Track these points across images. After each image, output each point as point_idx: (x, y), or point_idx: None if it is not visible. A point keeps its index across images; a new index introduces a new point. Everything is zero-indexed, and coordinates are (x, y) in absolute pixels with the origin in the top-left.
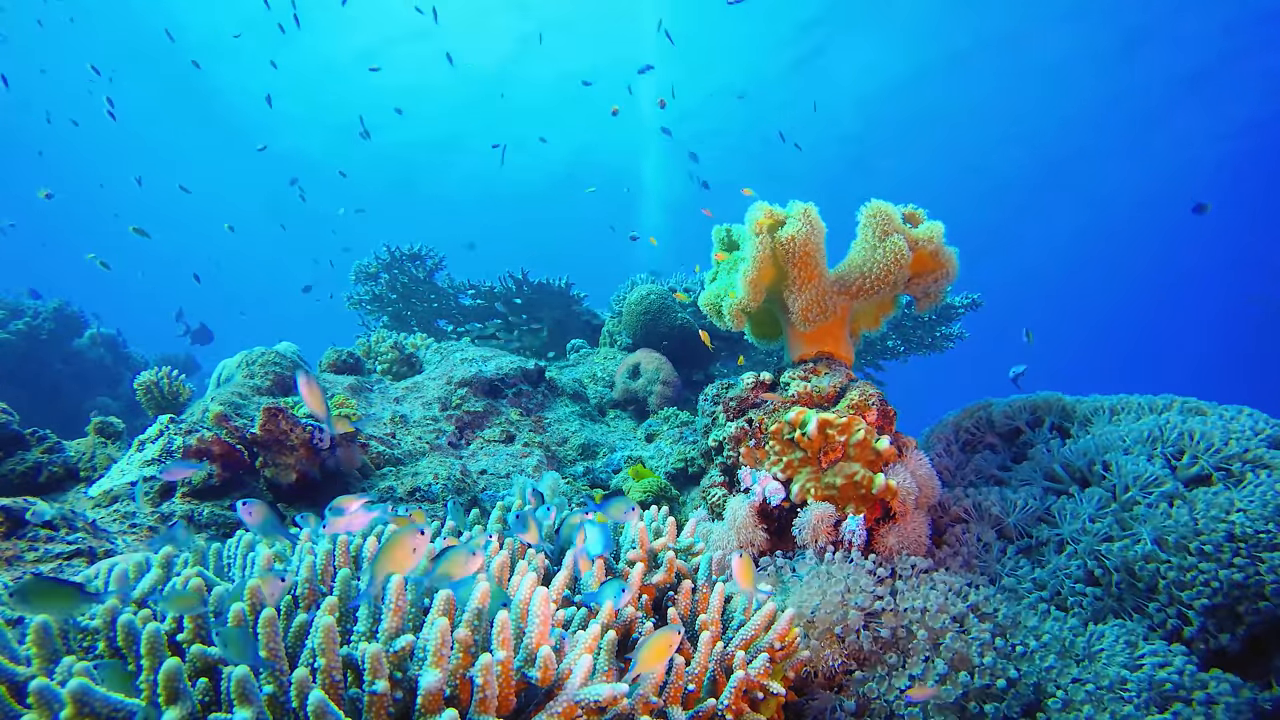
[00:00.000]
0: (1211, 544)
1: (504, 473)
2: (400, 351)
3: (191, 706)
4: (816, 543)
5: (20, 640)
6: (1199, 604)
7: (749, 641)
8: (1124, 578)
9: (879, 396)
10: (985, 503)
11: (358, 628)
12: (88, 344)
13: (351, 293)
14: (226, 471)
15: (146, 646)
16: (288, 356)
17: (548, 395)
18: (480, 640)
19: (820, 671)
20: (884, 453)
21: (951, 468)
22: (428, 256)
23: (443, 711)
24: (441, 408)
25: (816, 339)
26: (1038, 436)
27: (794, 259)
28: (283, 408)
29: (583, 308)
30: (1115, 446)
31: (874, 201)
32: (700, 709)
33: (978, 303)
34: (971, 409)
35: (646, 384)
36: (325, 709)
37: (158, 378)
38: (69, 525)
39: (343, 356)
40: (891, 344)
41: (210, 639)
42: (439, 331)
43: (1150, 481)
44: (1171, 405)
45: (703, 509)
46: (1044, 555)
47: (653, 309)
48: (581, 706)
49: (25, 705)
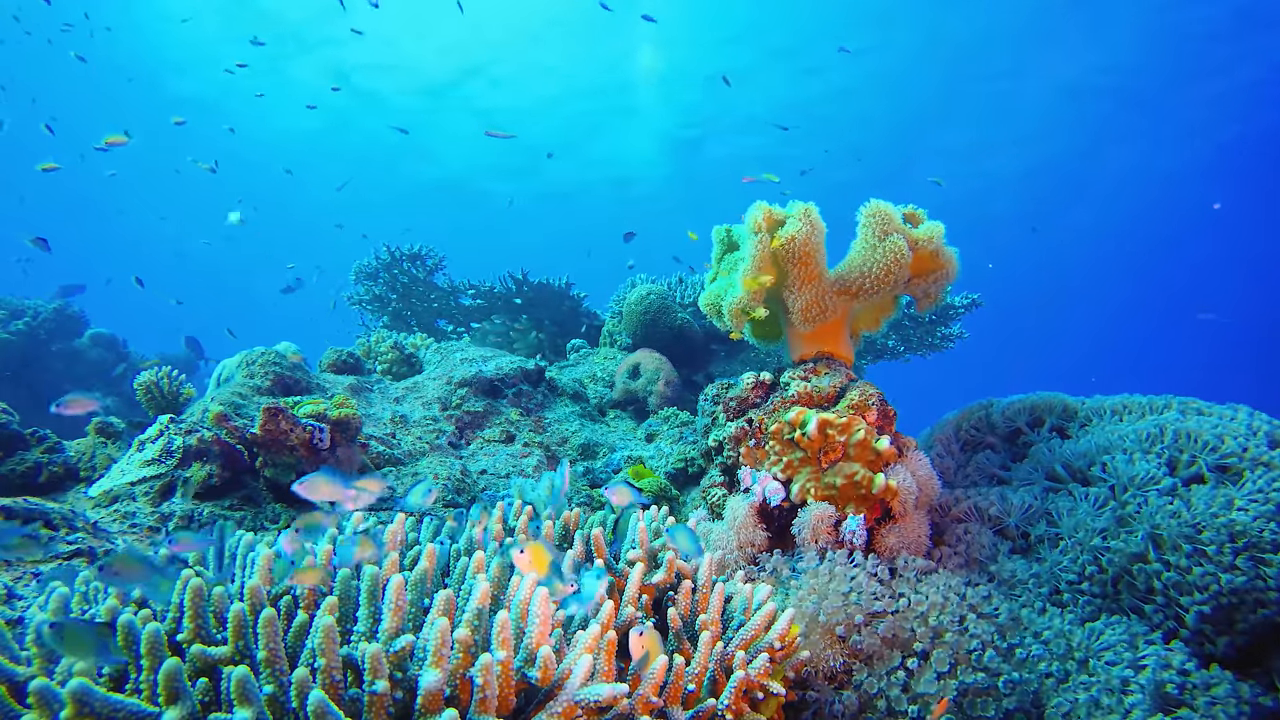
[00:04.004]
0: (1212, 544)
1: (504, 473)
2: (400, 351)
3: (191, 706)
4: (816, 543)
5: (20, 640)
6: (1198, 608)
7: (749, 641)
8: (1123, 577)
9: (879, 396)
10: (985, 502)
11: (358, 628)
12: (88, 344)
13: (351, 292)
14: (226, 471)
15: (146, 646)
16: (288, 356)
17: (548, 395)
18: (480, 640)
19: (821, 671)
20: (884, 453)
21: (952, 468)
22: (428, 256)
23: (443, 711)
24: (441, 408)
25: (816, 339)
26: (1038, 436)
27: (794, 259)
28: (283, 408)
29: (583, 308)
30: (1115, 446)
31: (874, 201)
32: (700, 709)
33: (978, 303)
34: (972, 409)
35: (646, 384)
36: (325, 709)
37: (158, 378)
38: (69, 525)
39: (343, 356)
40: (891, 344)
41: (211, 639)
42: (439, 331)
43: (1149, 480)
44: (1171, 405)
45: (703, 509)
46: (1044, 554)
47: (653, 309)
48: (581, 706)
49: (25, 705)
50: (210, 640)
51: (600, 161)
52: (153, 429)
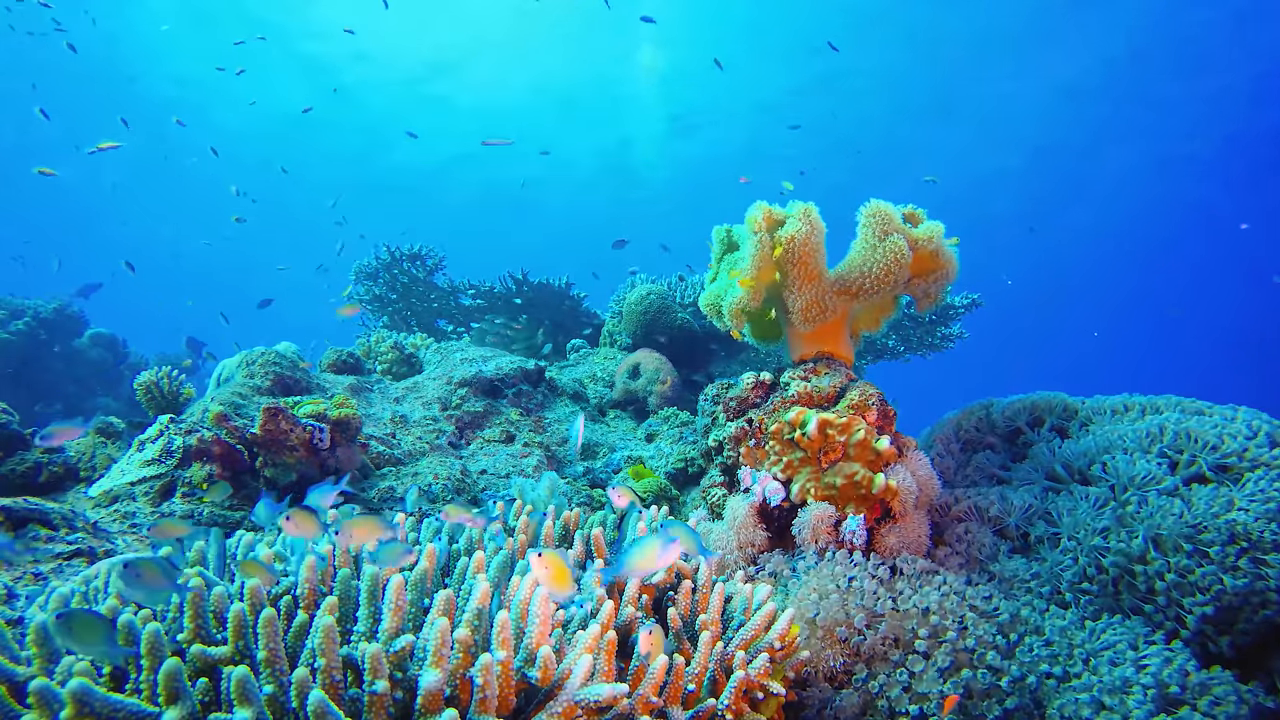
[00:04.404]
0: (1213, 545)
1: (504, 473)
2: (400, 351)
3: (191, 706)
4: (816, 543)
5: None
6: (1200, 609)
7: (749, 641)
8: (1123, 577)
9: (879, 396)
10: (985, 502)
11: (358, 628)
12: (88, 344)
13: (351, 292)
14: (226, 471)
15: (147, 646)
16: (288, 356)
17: (548, 395)
18: (480, 640)
19: (821, 671)
20: (884, 453)
21: (952, 467)
22: (428, 256)
23: (443, 711)
24: (441, 408)
25: (816, 339)
26: (1038, 436)
27: (794, 259)
28: (283, 408)
29: (583, 308)
30: (1116, 446)
31: (873, 201)
32: (700, 709)
33: (978, 302)
34: (972, 409)
35: (646, 384)
36: (325, 709)
37: (158, 378)
38: (69, 525)
39: (343, 357)
40: (891, 344)
41: (211, 639)
42: (439, 331)
43: (1149, 480)
44: (1171, 405)
45: (703, 509)
46: (1044, 554)
47: (653, 309)
48: (582, 706)
49: (25, 705)
50: (210, 640)
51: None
52: (153, 429)
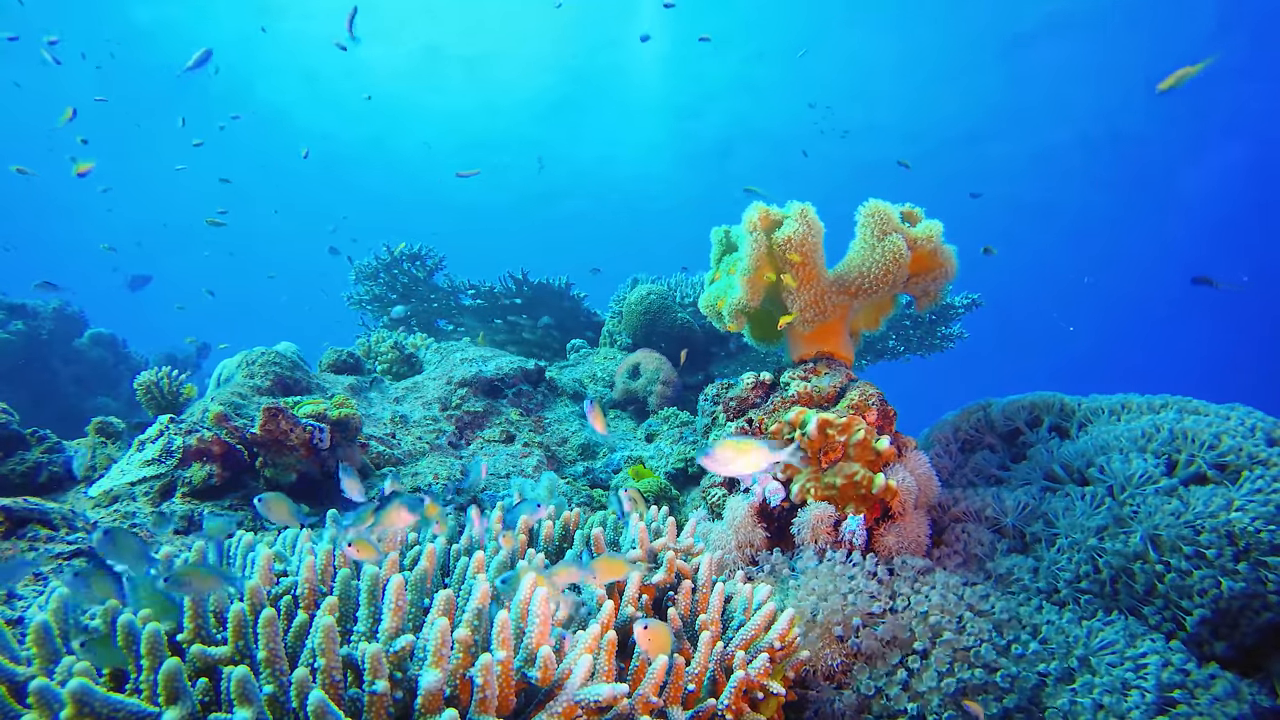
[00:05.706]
0: (1211, 546)
1: (504, 473)
2: (400, 351)
3: (191, 706)
4: (816, 543)
5: (20, 640)
6: (1200, 611)
7: (749, 641)
8: (1120, 577)
9: (879, 396)
10: (983, 502)
11: (358, 628)
12: (88, 344)
13: (351, 292)
14: (226, 471)
15: (147, 646)
16: (288, 356)
17: (548, 395)
18: (480, 640)
19: (820, 671)
20: (884, 453)
21: (951, 467)
22: (428, 256)
23: (443, 711)
24: (441, 408)
25: (816, 339)
26: (1037, 436)
27: (792, 259)
28: (283, 408)
29: (583, 308)
30: (1113, 446)
31: (872, 201)
32: (700, 709)
33: (978, 302)
34: (971, 409)
35: (646, 384)
36: (325, 709)
37: (158, 378)
38: (69, 525)
39: (342, 356)
40: (891, 344)
41: (211, 639)
42: (439, 331)
43: (1146, 479)
44: (1169, 405)
45: (703, 509)
46: (1042, 554)
47: (653, 309)
48: (582, 706)
49: (25, 705)
50: (210, 640)
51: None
52: (153, 429)
